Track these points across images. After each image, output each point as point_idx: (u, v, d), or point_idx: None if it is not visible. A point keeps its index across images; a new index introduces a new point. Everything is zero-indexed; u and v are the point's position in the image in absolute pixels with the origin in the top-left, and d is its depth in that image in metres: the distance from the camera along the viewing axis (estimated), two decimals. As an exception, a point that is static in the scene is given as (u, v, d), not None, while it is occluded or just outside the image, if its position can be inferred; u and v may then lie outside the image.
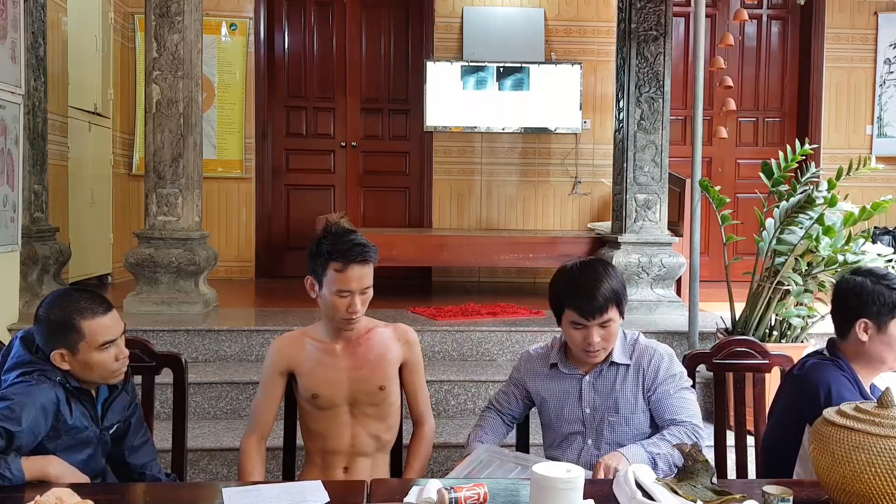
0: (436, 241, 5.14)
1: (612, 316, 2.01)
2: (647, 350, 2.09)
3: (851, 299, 1.98)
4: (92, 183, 5.42)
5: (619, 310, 2.04)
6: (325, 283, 2.03)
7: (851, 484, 1.41)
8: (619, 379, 2.08)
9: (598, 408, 2.08)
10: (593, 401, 2.08)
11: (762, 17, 6.50)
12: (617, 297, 2.02)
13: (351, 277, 2.00)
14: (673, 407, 2.03)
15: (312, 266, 2.06)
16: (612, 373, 2.09)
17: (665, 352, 2.10)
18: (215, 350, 3.82)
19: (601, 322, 2.00)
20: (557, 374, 2.13)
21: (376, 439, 2.14)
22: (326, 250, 2.01)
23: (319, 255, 2.03)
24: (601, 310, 1.99)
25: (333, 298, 2.02)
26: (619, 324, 2.05)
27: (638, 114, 4.43)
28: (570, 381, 2.12)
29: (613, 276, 2.05)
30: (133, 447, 1.98)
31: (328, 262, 2.00)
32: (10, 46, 3.61)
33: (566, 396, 2.11)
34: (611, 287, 2.01)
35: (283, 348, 2.14)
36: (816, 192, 3.28)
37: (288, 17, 6.32)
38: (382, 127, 6.43)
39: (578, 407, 2.09)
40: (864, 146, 6.36)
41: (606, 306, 1.99)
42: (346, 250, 2.00)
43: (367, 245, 2.03)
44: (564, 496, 1.41)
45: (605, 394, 2.08)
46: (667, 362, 2.07)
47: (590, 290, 2.00)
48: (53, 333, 1.81)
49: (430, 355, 3.88)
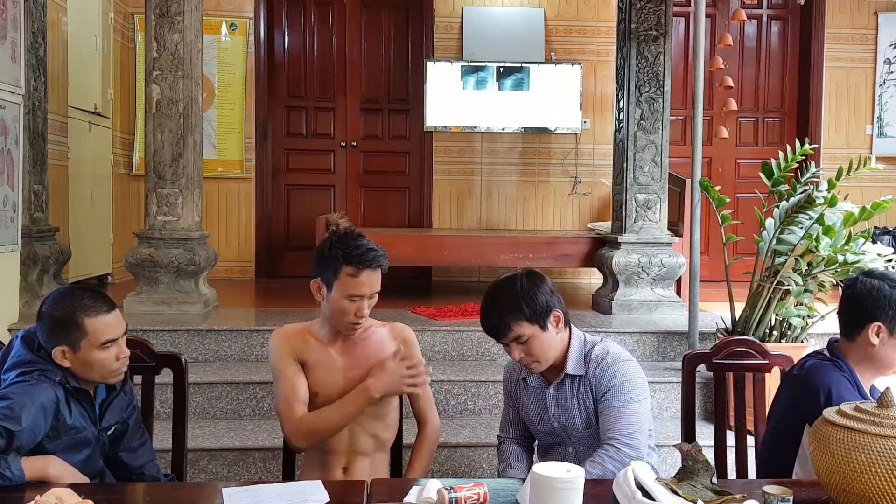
0: (436, 241, 5.14)
1: (522, 332, 1.97)
2: (596, 359, 2.03)
3: (866, 302, 1.96)
4: (92, 183, 5.42)
5: (536, 323, 1.98)
6: (335, 287, 2.02)
7: (851, 484, 1.41)
8: (576, 391, 2.05)
9: (563, 422, 2.08)
10: (558, 414, 2.08)
11: (762, 17, 6.50)
12: (521, 313, 1.96)
13: (363, 282, 2.01)
14: (613, 421, 1.96)
15: (322, 270, 2.05)
16: (569, 386, 2.06)
17: (614, 360, 2.02)
18: (215, 350, 3.82)
19: (513, 340, 1.99)
20: (527, 387, 2.16)
21: (375, 438, 2.14)
22: (340, 255, 2.01)
23: (332, 259, 2.02)
24: (504, 332, 1.99)
25: (343, 303, 2.02)
26: (544, 336, 1.99)
27: (638, 114, 4.43)
28: (537, 393, 2.13)
29: (521, 292, 1.98)
30: (131, 448, 1.98)
31: (341, 266, 2.01)
32: (10, 46, 3.61)
33: (537, 409, 2.12)
34: (512, 306, 1.97)
35: (289, 341, 2.13)
36: (816, 192, 3.28)
37: (288, 17, 6.32)
38: (382, 127, 6.43)
39: (548, 420, 2.10)
40: (864, 146, 6.36)
41: (505, 324, 1.98)
42: (360, 255, 2.00)
43: (380, 251, 2.05)
44: (564, 496, 1.41)
45: (565, 408, 2.06)
46: (612, 371, 2.00)
47: (489, 314, 2.02)
48: (56, 330, 1.82)
49: (430, 355, 3.88)
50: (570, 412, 2.05)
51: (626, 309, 4.40)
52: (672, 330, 3.97)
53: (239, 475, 3.15)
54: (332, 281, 2.03)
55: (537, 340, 1.99)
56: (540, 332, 1.99)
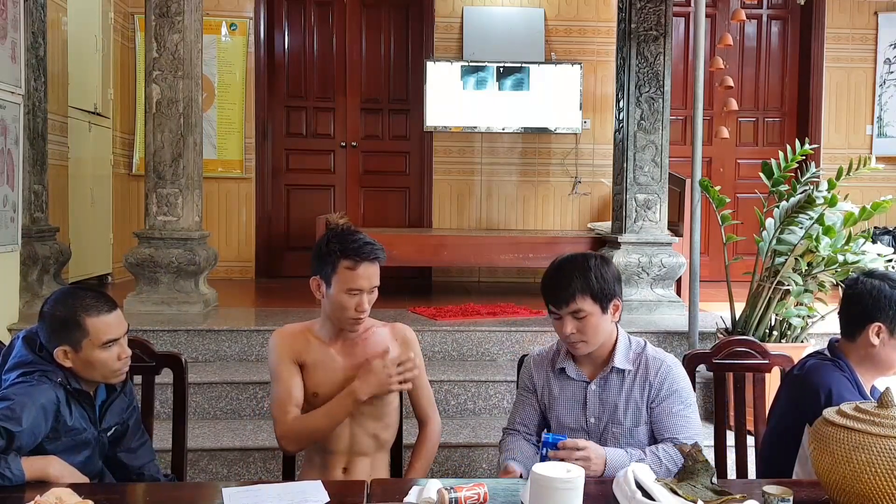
0: (436, 241, 5.14)
1: (583, 307, 1.95)
2: (655, 361, 2.01)
3: (867, 302, 1.96)
4: (92, 183, 5.42)
5: (599, 303, 1.97)
6: (334, 282, 2.02)
7: (851, 484, 1.41)
8: (625, 388, 2.01)
9: (602, 418, 2.02)
10: (597, 410, 2.03)
11: (762, 17, 6.50)
12: (589, 288, 1.95)
13: (361, 275, 2.01)
14: (675, 426, 1.96)
15: (320, 266, 2.05)
16: (617, 381, 2.02)
17: (673, 364, 2.02)
18: (215, 350, 3.83)
19: (571, 312, 1.96)
20: (565, 378, 2.08)
21: (375, 438, 2.14)
22: (337, 249, 2.01)
23: (329, 255, 2.02)
24: (566, 300, 1.95)
25: (343, 298, 2.02)
26: (601, 318, 1.98)
27: (638, 114, 4.43)
28: (576, 387, 2.06)
29: (594, 268, 1.98)
30: (131, 449, 1.98)
31: (339, 260, 2.01)
32: (10, 46, 3.61)
33: (572, 403, 2.06)
34: (582, 278, 1.96)
35: (288, 342, 2.12)
36: (816, 192, 3.28)
37: (288, 17, 6.32)
38: (382, 127, 6.43)
39: (583, 416, 2.04)
40: (864, 146, 6.36)
41: (571, 294, 1.95)
42: (356, 248, 2.00)
43: (376, 244, 2.05)
44: (564, 496, 1.41)
45: (609, 403, 2.02)
46: (674, 376, 2.00)
47: (558, 279, 1.99)
48: (58, 330, 1.82)
49: (430, 355, 3.88)
50: (615, 408, 2.01)
51: (626, 309, 4.39)
52: (672, 330, 3.97)
53: (239, 475, 3.15)
54: (330, 276, 2.03)
55: (594, 320, 1.97)
56: (599, 313, 1.98)
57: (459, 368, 3.76)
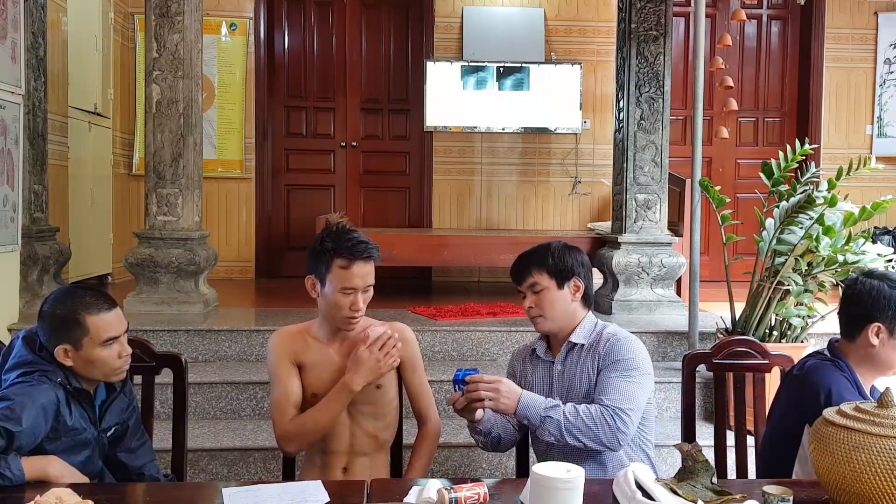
0: (436, 241, 5.14)
1: (539, 280, 2.10)
2: (607, 335, 2.09)
3: (866, 302, 1.96)
4: (92, 183, 5.42)
5: (554, 279, 2.09)
6: (328, 280, 2.03)
7: (851, 484, 1.41)
8: (580, 362, 2.10)
9: (565, 395, 2.10)
10: (562, 389, 2.12)
11: (762, 17, 6.50)
12: (544, 265, 2.09)
13: (355, 274, 2.01)
14: (605, 388, 1.99)
15: (315, 265, 2.06)
16: (576, 356, 2.11)
17: (625, 338, 2.07)
18: (215, 350, 3.82)
19: (529, 286, 2.11)
20: (536, 360, 2.21)
21: (375, 438, 2.14)
22: (331, 248, 2.02)
23: (323, 253, 2.03)
24: (524, 276, 2.12)
25: (337, 296, 2.02)
26: (557, 293, 2.10)
27: (638, 114, 4.43)
28: (544, 367, 2.18)
29: (553, 249, 2.12)
30: (131, 449, 1.98)
31: (332, 259, 2.01)
32: (10, 46, 3.61)
33: (542, 384, 2.16)
34: (539, 256, 2.11)
35: (287, 343, 2.13)
36: (816, 192, 3.28)
37: (288, 17, 6.32)
38: (382, 127, 6.43)
39: (550, 394, 2.11)
40: (864, 146, 6.36)
41: (528, 270, 2.11)
42: (350, 247, 2.01)
43: (371, 242, 2.05)
44: (564, 496, 1.41)
45: (569, 378, 2.11)
46: (619, 347, 2.04)
47: (520, 259, 2.16)
48: (58, 329, 1.82)
49: (430, 355, 3.88)
50: (574, 382, 2.09)
51: (626, 309, 4.40)
52: (672, 330, 3.97)
53: (239, 475, 3.15)
54: (324, 275, 2.03)
55: (549, 295, 2.10)
56: (555, 289, 2.10)
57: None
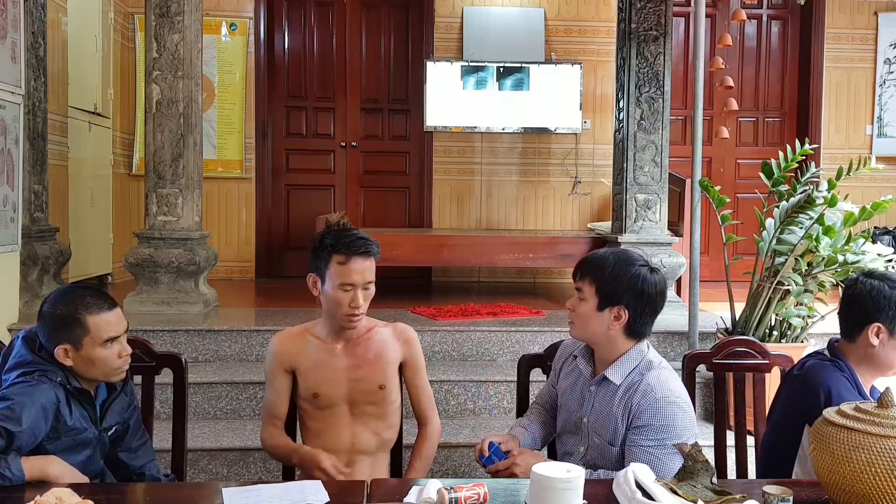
0: (436, 241, 5.14)
1: (583, 288, 1.92)
2: (646, 387, 1.85)
3: (866, 302, 1.96)
4: (92, 183, 5.42)
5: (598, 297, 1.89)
6: (328, 277, 2.04)
7: (851, 484, 1.41)
8: (613, 402, 1.89)
9: (592, 422, 1.94)
10: (590, 413, 1.95)
11: (762, 17, 6.50)
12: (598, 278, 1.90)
13: (354, 270, 2.02)
14: (636, 455, 1.81)
15: (315, 262, 2.07)
16: (610, 392, 1.91)
17: (663, 398, 1.83)
18: (215, 350, 3.82)
19: (577, 287, 1.95)
20: (573, 368, 2.05)
21: (378, 438, 2.14)
22: (329, 244, 2.03)
23: (322, 250, 2.04)
24: (578, 270, 1.96)
25: (336, 293, 2.03)
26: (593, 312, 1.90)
27: (638, 114, 4.43)
28: (580, 380, 2.01)
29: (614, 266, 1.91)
30: (131, 448, 1.98)
31: (331, 255, 2.02)
32: (10, 46, 3.61)
33: (572, 395, 2.02)
34: (600, 267, 1.92)
35: (285, 346, 2.14)
36: (816, 192, 3.28)
37: (288, 17, 6.32)
38: (382, 127, 6.43)
39: (578, 411, 1.99)
40: (864, 146, 6.36)
41: (584, 271, 1.94)
42: (349, 243, 2.02)
43: (370, 239, 2.06)
44: (564, 496, 1.41)
45: (600, 411, 1.92)
46: (655, 410, 1.82)
47: (591, 255, 2.01)
48: (58, 328, 1.82)
49: (430, 355, 3.88)
50: (604, 418, 1.90)
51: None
52: (672, 330, 3.97)
53: (239, 475, 3.15)
54: (324, 272, 2.05)
55: (587, 309, 1.91)
56: (594, 307, 1.91)
57: (459, 368, 3.76)
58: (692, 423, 1.86)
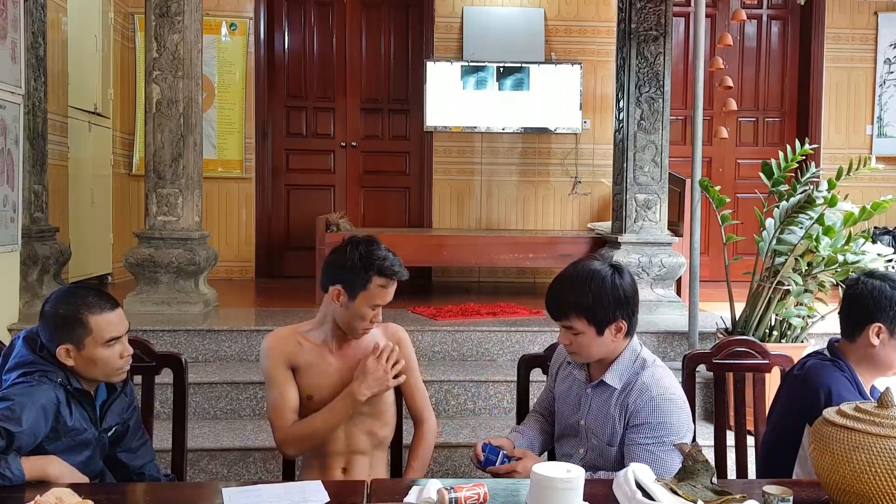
0: (436, 241, 5.14)
1: (575, 325, 1.88)
2: (642, 387, 1.87)
3: (867, 302, 1.96)
4: (92, 183, 5.42)
5: (594, 326, 1.88)
6: (361, 296, 2.03)
7: (851, 484, 1.41)
8: (610, 404, 1.92)
9: (589, 425, 1.96)
10: (587, 415, 1.97)
11: (762, 17, 6.50)
12: (583, 310, 1.87)
13: (390, 292, 2.08)
14: (635, 454, 1.83)
15: (348, 278, 2.04)
16: (606, 394, 1.93)
17: (659, 395, 1.85)
18: (215, 350, 3.82)
19: (565, 326, 1.91)
20: (569, 373, 2.07)
21: (372, 436, 2.14)
22: (374, 267, 2.03)
23: (363, 270, 2.03)
24: (555, 312, 1.92)
25: (365, 310, 2.05)
26: (594, 339, 1.89)
27: (638, 114, 4.43)
28: (576, 384, 2.03)
29: (593, 289, 1.87)
30: (131, 448, 1.98)
31: (373, 278, 2.03)
32: (10, 46, 3.61)
33: (570, 399, 2.04)
34: (576, 297, 1.87)
35: (281, 345, 2.13)
36: (816, 192, 3.28)
37: (288, 17, 6.32)
38: (382, 127, 6.43)
39: (575, 414, 2.01)
40: (864, 146, 6.36)
41: (564, 312, 1.90)
42: (390, 267, 2.05)
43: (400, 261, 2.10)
44: (564, 496, 1.41)
45: (597, 414, 1.95)
46: (653, 408, 1.84)
47: (555, 292, 1.94)
48: (60, 328, 1.82)
49: (430, 355, 3.88)
50: (601, 420, 1.93)
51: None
52: (672, 330, 3.97)
53: (239, 475, 3.15)
54: (358, 290, 2.03)
55: (586, 339, 1.90)
56: (593, 335, 1.89)
57: (459, 368, 3.76)
58: (688, 418, 1.89)
